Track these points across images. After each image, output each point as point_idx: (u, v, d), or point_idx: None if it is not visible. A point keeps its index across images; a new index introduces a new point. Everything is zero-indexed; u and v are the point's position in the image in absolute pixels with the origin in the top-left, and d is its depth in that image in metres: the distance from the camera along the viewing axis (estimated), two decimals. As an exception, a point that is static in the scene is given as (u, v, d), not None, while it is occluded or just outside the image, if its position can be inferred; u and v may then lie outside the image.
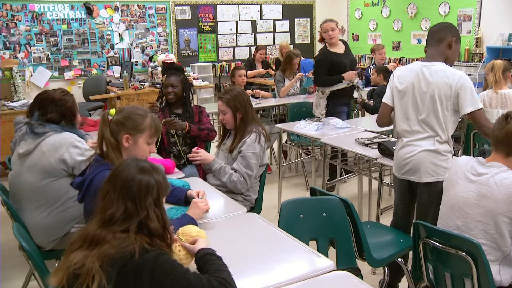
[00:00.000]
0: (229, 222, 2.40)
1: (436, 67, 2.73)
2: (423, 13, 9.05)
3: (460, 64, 8.41)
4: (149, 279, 1.48)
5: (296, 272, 1.83)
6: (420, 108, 2.76)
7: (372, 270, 3.37)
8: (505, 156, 2.25)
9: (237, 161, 3.15)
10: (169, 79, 3.84)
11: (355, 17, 10.58)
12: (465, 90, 2.65)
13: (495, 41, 7.88)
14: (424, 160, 2.76)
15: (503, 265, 2.20)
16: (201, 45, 9.72)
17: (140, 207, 1.56)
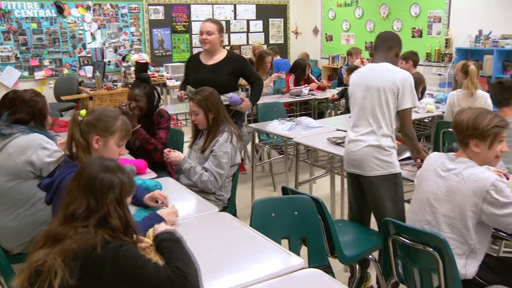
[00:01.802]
0: (200, 222, 2.40)
1: (382, 65, 2.95)
2: (395, 14, 9.18)
3: (430, 64, 8.58)
4: (110, 270, 1.49)
5: (267, 271, 1.84)
6: (366, 103, 2.93)
7: (345, 267, 3.40)
8: (463, 150, 2.31)
9: (209, 161, 3.15)
10: (132, 93, 3.64)
11: (329, 17, 10.67)
12: (407, 86, 2.85)
13: (463, 42, 8.06)
14: (368, 155, 2.90)
15: (469, 259, 2.25)
16: (174, 45, 9.68)
17: (101, 204, 1.57)
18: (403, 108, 2.87)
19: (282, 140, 4.79)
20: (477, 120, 2.25)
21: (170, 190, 2.70)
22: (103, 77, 7.25)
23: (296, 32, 11.14)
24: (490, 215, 2.17)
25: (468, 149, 2.29)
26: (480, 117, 2.25)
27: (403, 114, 2.89)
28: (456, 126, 2.32)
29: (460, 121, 2.30)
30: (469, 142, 2.27)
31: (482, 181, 2.17)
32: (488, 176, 2.18)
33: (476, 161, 2.27)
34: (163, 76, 8.23)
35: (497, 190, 2.14)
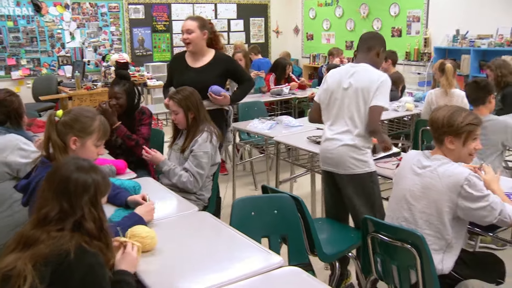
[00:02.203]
0: (180, 222, 2.39)
1: (361, 67, 2.95)
2: (375, 13, 9.26)
3: (410, 63, 8.67)
4: (80, 279, 1.47)
5: (246, 269, 1.84)
6: (344, 102, 2.93)
7: (325, 265, 3.42)
8: (439, 147, 2.35)
9: (189, 161, 3.15)
10: (112, 90, 3.60)
11: (309, 16, 10.72)
12: (383, 86, 2.86)
13: (442, 41, 8.17)
14: (344, 154, 2.92)
15: (446, 254, 2.29)
16: (155, 45, 9.63)
17: (75, 206, 1.55)
18: (374, 104, 2.85)
19: (263, 139, 4.80)
20: (452, 118, 2.29)
21: (150, 190, 2.68)
22: (82, 77, 7.18)
23: (277, 31, 11.16)
24: (465, 209, 2.21)
25: (443, 146, 2.33)
26: (454, 115, 2.29)
27: (372, 110, 2.87)
28: (432, 124, 2.37)
29: (435, 118, 2.34)
30: (444, 139, 2.31)
31: (456, 176, 2.21)
32: (461, 171, 2.23)
33: (451, 158, 2.31)
34: (144, 76, 8.18)
35: (471, 185, 2.18)
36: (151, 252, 1.96)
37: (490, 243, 3.75)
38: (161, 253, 1.92)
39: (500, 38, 7.36)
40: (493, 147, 3.53)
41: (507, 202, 2.37)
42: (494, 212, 2.21)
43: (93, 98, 6.68)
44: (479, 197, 2.19)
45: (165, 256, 1.85)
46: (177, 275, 1.79)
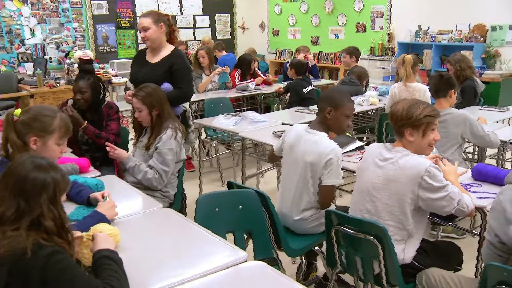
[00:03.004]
0: (144, 219, 2.37)
1: (314, 136, 2.75)
2: (340, 9, 9.36)
3: (374, 58, 8.80)
4: (39, 278, 1.44)
5: (209, 265, 1.84)
6: (295, 172, 2.79)
7: (292, 259, 3.45)
8: (399, 139, 2.39)
9: (153, 158, 3.13)
10: (76, 85, 3.53)
11: (275, 12, 10.75)
12: (331, 162, 2.65)
13: (405, 36, 8.32)
14: (296, 227, 2.85)
15: (407, 244, 2.34)
16: (120, 41, 9.49)
17: (33, 205, 1.51)
18: (324, 184, 2.70)
19: (229, 135, 4.80)
20: (411, 110, 2.33)
21: (113, 188, 2.65)
22: (44, 74, 7.01)
23: (243, 27, 11.15)
24: (425, 200, 2.26)
25: (403, 138, 2.38)
26: (413, 107, 2.34)
27: (323, 188, 2.71)
28: (392, 116, 2.41)
29: (395, 111, 2.38)
30: (404, 132, 2.36)
31: (417, 167, 2.26)
32: (421, 162, 2.28)
33: (411, 149, 2.36)
34: (109, 73, 8.04)
35: (431, 176, 2.24)
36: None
37: (451, 233, 3.85)
38: (125, 251, 1.90)
39: (459, 33, 7.55)
40: (453, 140, 3.61)
41: (465, 193, 2.44)
42: (453, 202, 2.27)
43: (56, 96, 6.54)
44: (439, 187, 2.25)
45: (129, 254, 1.83)
46: (142, 272, 1.77)
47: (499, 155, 4.48)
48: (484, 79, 6.67)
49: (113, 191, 2.51)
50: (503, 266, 1.85)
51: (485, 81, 6.29)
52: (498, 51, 7.25)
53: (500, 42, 7.23)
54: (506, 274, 1.79)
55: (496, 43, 7.27)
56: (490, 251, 2.05)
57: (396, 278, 2.28)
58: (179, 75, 3.75)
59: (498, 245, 2.00)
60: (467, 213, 2.35)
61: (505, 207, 1.91)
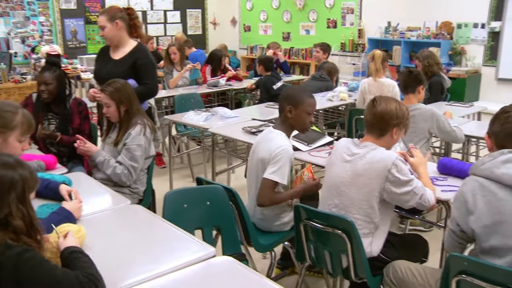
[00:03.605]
0: (112, 216, 2.35)
1: (272, 135, 2.76)
2: (311, 5, 9.41)
3: (345, 54, 8.89)
4: (11, 277, 1.41)
5: (177, 261, 1.83)
6: (254, 171, 2.82)
7: (263, 255, 3.46)
8: (377, 137, 2.42)
9: (122, 154, 3.09)
10: (41, 76, 3.45)
11: (246, 8, 10.74)
12: (277, 160, 2.62)
13: (375, 33, 8.42)
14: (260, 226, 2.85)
15: (374, 237, 2.38)
16: (89, 36, 9.32)
17: (1, 204, 1.47)
18: (265, 177, 2.65)
19: (199, 131, 4.78)
20: (402, 109, 2.41)
21: (81, 185, 2.62)
22: (9, 69, 6.85)
23: (214, 23, 11.10)
24: (390, 193, 2.30)
25: (385, 136, 2.41)
26: (403, 107, 2.42)
27: (263, 181, 2.66)
28: (383, 115, 2.38)
29: (388, 110, 2.38)
30: (391, 130, 2.40)
31: (384, 161, 2.29)
32: (388, 155, 2.31)
33: (383, 145, 2.39)
34: (77, 68, 7.90)
35: (398, 169, 2.27)
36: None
37: (419, 226, 3.92)
38: (93, 248, 1.87)
39: (427, 30, 7.68)
40: (420, 135, 3.68)
41: (430, 186, 2.49)
42: (416, 197, 2.31)
43: (22, 91, 6.40)
44: (404, 182, 2.28)
45: (96, 252, 1.81)
46: (109, 270, 1.75)
47: (464, 149, 4.58)
48: (450, 75, 6.82)
49: (81, 188, 2.48)
50: (464, 257, 1.90)
51: (452, 77, 6.44)
52: (463, 48, 7.41)
53: (466, 39, 7.39)
54: (467, 264, 1.84)
55: (462, 40, 7.42)
56: (451, 239, 2.10)
57: (364, 271, 2.31)
58: (143, 70, 3.70)
59: (459, 234, 2.05)
60: (428, 207, 2.40)
61: (467, 198, 1.96)
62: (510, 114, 1.94)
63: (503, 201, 1.86)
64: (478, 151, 4.93)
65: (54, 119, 3.54)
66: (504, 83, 7.05)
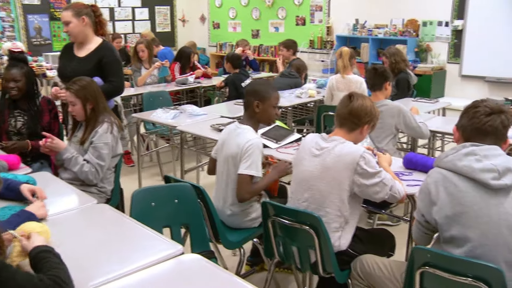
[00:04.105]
0: (77, 215, 2.31)
1: (238, 130, 2.79)
2: (280, 2, 9.44)
3: (314, 51, 8.95)
4: None
5: (145, 259, 1.82)
6: (223, 167, 2.82)
7: (232, 252, 3.47)
8: (348, 132, 2.45)
9: (89, 152, 3.05)
10: (9, 73, 3.38)
11: (215, 5, 10.70)
12: (247, 153, 2.66)
13: (343, 30, 8.51)
14: (229, 222, 2.86)
15: (344, 231, 2.41)
16: (54, 33, 9.14)
17: None
18: (240, 173, 2.68)
19: (168, 129, 4.75)
20: (375, 109, 2.46)
21: (47, 185, 2.57)
22: (-32, 66, 6.66)
23: (183, 20, 11.03)
24: (360, 186, 2.33)
25: (355, 131, 2.45)
26: (375, 106, 2.48)
27: (239, 177, 2.69)
28: (359, 112, 2.42)
29: (364, 107, 2.43)
30: (363, 126, 2.44)
31: (352, 154, 2.32)
32: (356, 149, 2.35)
33: (352, 140, 2.43)
34: (42, 66, 7.74)
35: (366, 161, 2.31)
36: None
37: (387, 220, 3.99)
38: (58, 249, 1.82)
39: (394, 28, 7.80)
40: (387, 131, 3.74)
41: (397, 179, 2.54)
42: (386, 188, 2.35)
43: (-16, 90, 6.22)
44: (373, 173, 2.32)
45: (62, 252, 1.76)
46: (76, 270, 1.71)
47: (430, 144, 4.68)
48: (417, 72, 6.96)
49: (46, 187, 2.43)
50: (427, 249, 1.95)
51: (418, 74, 6.57)
52: (429, 46, 7.56)
53: (431, 37, 7.54)
54: (430, 256, 1.88)
55: (427, 37, 7.57)
56: (418, 229, 2.16)
57: (331, 266, 2.34)
58: (109, 68, 3.64)
59: (424, 224, 2.10)
60: (399, 198, 2.44)
61: (430, 189, 2.01)
62: (478, 110, 1.98)
63: (463, 192, 1.90)
64: (444, 146, 5.04)
65: (22, 116, 3.46)
66: (467, 79, 7.23)
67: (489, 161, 1.87)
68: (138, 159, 4.81)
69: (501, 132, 1.96)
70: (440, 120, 4.52)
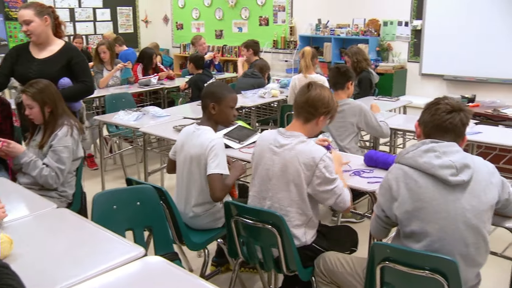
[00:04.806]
0: (36, 221, 2.26)
1: (200, 131, 2.76)
2: (243, 2, 9.44)
3: (277, 51, 9.00)
4: None
5: (106, 263, 1.79)
6: (184, 169, 2.81)
7: (198, 253, 3.46)
8: (304, 123, 2.43)
9: (48, 156, 2.99)
10: None
11: (178, 5, 10.63)
12: (211, 152, 2.65)
13: (306, 30, 8.58)
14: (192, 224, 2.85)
15: (307, 227, 2.43)
16: (10, 34, 8.88)
17: None
18: (211, 173, 2.64)
19: (131, 131, 4.69)
20: (333, 100, 2.45)
21: (4, 190, 2.51)
22: None
23: (146, 21, 10.91)
24: (314, 188, 2.34)
25: (311, 123, 2.43)
26: (334, 98, 2.46)
27: (210, 178, 2.65)
28: (316, 101, 2.39)
29: (322, 97, 2.40)
30: (319, 117, 2.42)
31: (313, 154, 2.31)
32: (317, 150, 2.34)
33: (306, 133, 2.42)
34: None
35: (325, 165, 2.31)
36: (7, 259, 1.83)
37: (351, 218, 4.05)
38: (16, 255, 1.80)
39: (355, 28, 7.92)
40: (349, 129, 3.80)
41: (345, 183, 2.51)
42: (335, 196, 2.36)
43: None
44: (329, 180, 2.33)
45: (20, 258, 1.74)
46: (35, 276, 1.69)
47: (391, 142, 4.77)
48: (378, 70, 7.08)
49: (3, 193, 2.38)
50: (387, 244, 2.00)
51: (380, 73, 6.68)
52: (390, 45, 7.70)
53: (391, 36, 7.68)
54: (389, 251, 1.93)
55: (388, 37, 7.71)
56: (376, 223, 2.20)
57: (295, 264, 2.36)
58: (80, 69, 3.62)
59: (384, 219, 2.14)
60: (343, 209, 2.44)
61: (391, 185, 2.05)
62: (439, 107, 2.02)
63: (423, 188, 1.95)
64: (405, 143, 5.15)
65: None
66: (427, 78, 7.40)
67: (448, 157, 1.93)
68: (101, 162, 4.74)
69: (460, 129, 2.01)
70: (401, 118, 4.61)
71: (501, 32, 6.55)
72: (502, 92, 6.59)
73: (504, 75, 6.59)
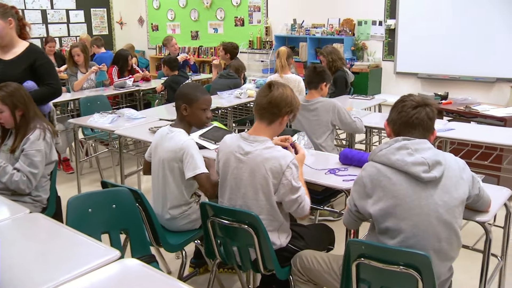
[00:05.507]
0: (8, 226, 2.21)
1: (172, 133, 2.73)
2: (218, 3, 9.44)
3: (253, 51, 9.02)
4: None
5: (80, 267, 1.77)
6: (158, 171, 2.78)
7: (176, 255, 3.44)
8: (268, 124, 2.38)
9: (20, 160, 2.94)
10: None
11: (153, 7, 10.58)
12: (186, 155, 2.63)
13: (281, 30, 8.62)
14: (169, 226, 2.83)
15: (280, 231, 2.43)
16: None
17: None
18: (188, 177, 2.63)
19: (107, 133, 4.65)
20: (295, 98, 2.40)
21: (-27, 196, 2.46)
22: None
23: (120, 22, 10.82)
24: (279, 197, 2.33)
25: (273, 124, 2.38)
26: (295, 96, 2.42)
27: (196, 179, 2.65)
28: (279, 102, 2.34)
29: (284, 96, 2.34)
30: (281, 118, 2.37)
31: (279, 160, 2.28)
32: (284, 155, 2.30)
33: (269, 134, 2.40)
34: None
35: (292, 172, 2.28)
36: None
37: (328, 216, 4.07)
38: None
39: (330, 27, 7.98)
40: (324, 127, 3.83)
41: (305, 187, 2.46)
42: (297, 205, 2.34)
43: None
44: (295, 188, 2.30)
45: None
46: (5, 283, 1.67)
47: (367, 140, 4.82)
48: (354, 69, 7.16)
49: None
50: (362, 241, 2.01)
51: (355, 72, 6.76)
52: (365, 44, 7.78)
53: (366, 35, 7.77)
54: (364, 248, 1.95)
55: (362, 36, 7.79)
56: (349, 216, 2.24)
57: (272, 263, 2.36)
58: (44, 71, 3.54)
59: (355, 213, 2.18)
60: (301, 216, 2.43)
61: (365, 182, 2.07)
62: (406, 104, 2.05)
63: (397, 185, 1.98)
64: (381, 141, 5.21)
65: None
66: (401, 76, 7.50)
67: (420, 154, 1.96)
68: (76, 165, 4.69)
69: (427, 123, 2.05)
70: (377, 116, 4.66)
71: (473, 32, 6.68)
72: (474, 89, 6.73)
73: (476, 73, 6.73)
